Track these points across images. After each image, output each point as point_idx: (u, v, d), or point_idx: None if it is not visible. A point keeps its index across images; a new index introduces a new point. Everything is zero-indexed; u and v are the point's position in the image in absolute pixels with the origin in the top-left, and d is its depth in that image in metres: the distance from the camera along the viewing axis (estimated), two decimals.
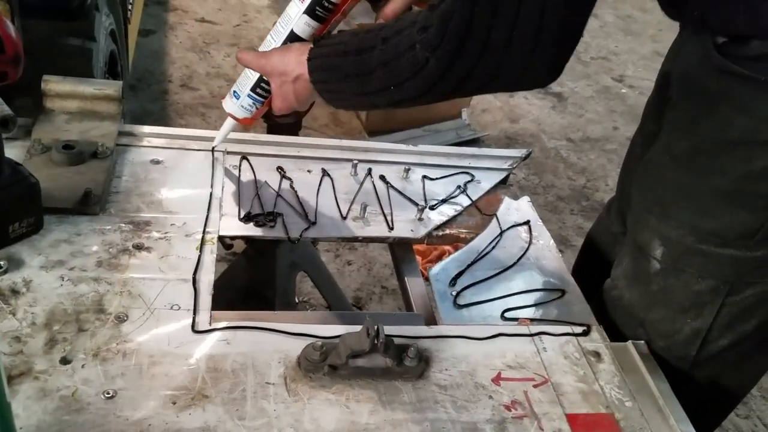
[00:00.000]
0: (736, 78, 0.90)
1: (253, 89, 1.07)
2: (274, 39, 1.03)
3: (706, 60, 0.93)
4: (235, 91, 1.10)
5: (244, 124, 1.13)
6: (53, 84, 1.28)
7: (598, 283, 1.28)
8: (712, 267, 1.00)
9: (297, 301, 2.16)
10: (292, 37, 1.01)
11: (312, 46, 0.95)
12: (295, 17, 1.00)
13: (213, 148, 1.28)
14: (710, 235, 0.98)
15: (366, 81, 0.90)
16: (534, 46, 0.80)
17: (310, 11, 0.98)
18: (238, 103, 1.10)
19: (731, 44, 0.91)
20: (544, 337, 1.02)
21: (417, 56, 0.83)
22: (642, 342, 1.03)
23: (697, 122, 0.97)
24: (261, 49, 1.04)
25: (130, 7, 2.64)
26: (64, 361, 0.86)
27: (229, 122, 1.15)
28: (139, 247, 1.05)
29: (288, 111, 1.04)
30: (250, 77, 1.07)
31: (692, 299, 1.03)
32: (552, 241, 1.27)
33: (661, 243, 1.03)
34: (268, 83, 1.04)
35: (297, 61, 0.96)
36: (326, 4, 0.98)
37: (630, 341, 1.03)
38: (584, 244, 1.48)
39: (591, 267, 1.38)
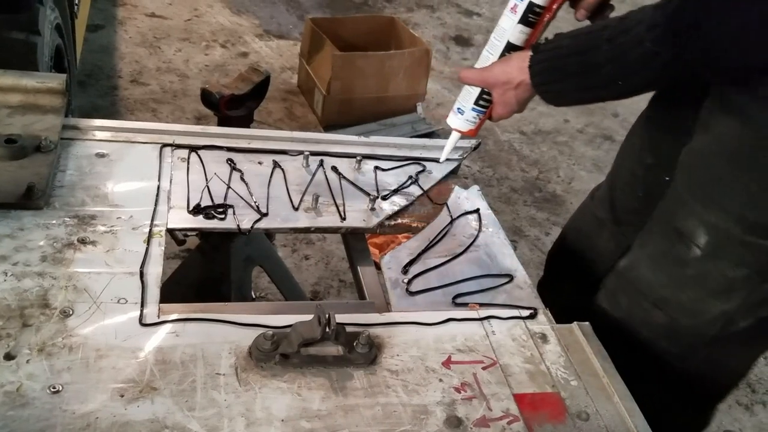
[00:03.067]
0: None
1: (476, 102, 1.18)
2: (491, 53, 1.13)
3: None
4: (459, 108, 1.20)
5: (467, 135, 1.23)
6: None
7: (579, 266, 1.30)
8: (750, 257, 1.04)
9: (254, 296, 2.14)
10: (509, 47, 1.12)
11: (531, 53, 1.07)
12: (510, 28, 1.10)
13: (440, 162, 1.31)
14: (757, 227, 1.01)
15: (592, 78, 1.02)
16: (760, 31, 0.88)
17: (523, 20, 1.09)
18: (463, 118, 1.20)
19: None
20: (492, 320, 1.04)
21: (646, 52, 0.94)
22: (587, 323, 1.06)
23: (750, 120, 0.99)
24: (478, 64, 1.15)
25: (77, 1, 2.57)
26: (8, 356, 0.84)
27: (455, 136, 1.24)
28: (84, 241, 1.03)
29: (508, 116, 1.16)
30: (471, 92, 1.18)
31: (725, 285, 1.07)
32: (500, 228, 1.30)
33: (706, 231, 1.05)
34: (488, 94, 1.15)
35: (519, 69, 1.07)
36: (536, 9, 1.08)
37: (575, 323, 1.06)
38: (565, 231, 1.51)
39: (572, 252, 1.41)
